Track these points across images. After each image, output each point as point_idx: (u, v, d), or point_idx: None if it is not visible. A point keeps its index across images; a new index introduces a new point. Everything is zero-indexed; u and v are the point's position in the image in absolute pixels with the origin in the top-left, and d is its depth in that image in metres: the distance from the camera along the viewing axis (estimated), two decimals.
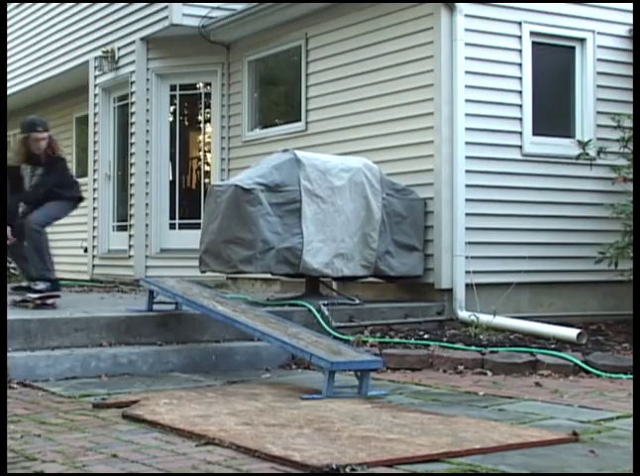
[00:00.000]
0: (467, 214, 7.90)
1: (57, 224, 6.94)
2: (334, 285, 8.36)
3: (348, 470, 3.40)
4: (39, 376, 5.56)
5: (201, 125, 11.49)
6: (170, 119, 11.31)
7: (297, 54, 9.76)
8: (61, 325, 6.07)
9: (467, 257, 7.83)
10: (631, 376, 5.96)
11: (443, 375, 6.15)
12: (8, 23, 14.55)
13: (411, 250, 7.93)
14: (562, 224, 8.41)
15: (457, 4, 7.86)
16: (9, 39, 14.61)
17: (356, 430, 4.10)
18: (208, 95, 11.10)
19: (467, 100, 7.93)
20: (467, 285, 7.82)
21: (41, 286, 7.04)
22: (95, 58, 11.97)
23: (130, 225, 11.31)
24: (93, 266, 12.12)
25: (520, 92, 8.28)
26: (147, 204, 11.01)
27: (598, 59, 8.66)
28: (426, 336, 7.09)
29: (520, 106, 8.27)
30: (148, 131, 11.05)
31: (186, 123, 11.71)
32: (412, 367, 6.34)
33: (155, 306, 6.69)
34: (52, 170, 7.27)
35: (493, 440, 3.94)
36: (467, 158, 7.92)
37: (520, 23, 8.29)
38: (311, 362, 5.53)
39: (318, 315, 7.07)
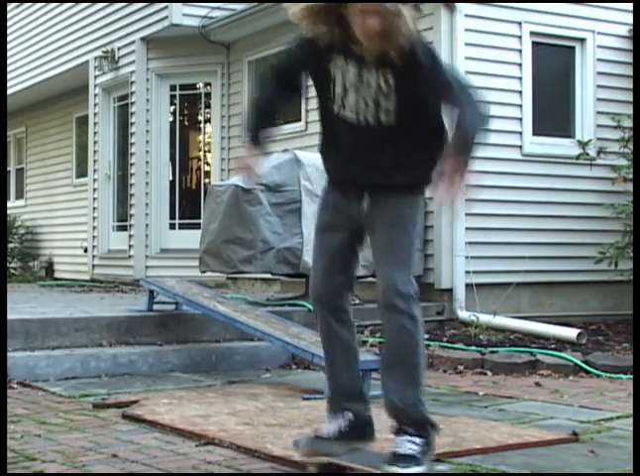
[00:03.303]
0: (467, 214, 7.89)
1: (57, 224, 6.64)
2: None
3: (347, 470, 3.40)
4: (39, 376, 5.56)
5: (201, 125, 11.49)
6: (170, 119, 11.31)
7: None
8: (61, 325, 6.07)
9: (467, 257, 7.82)
10: (631, 376, 5.95)
11: (443, 375, 6.15)
12: (8, 23, 14.56)
13: None
14: (562, 224, 8.40)
15: (457, 4, 7.86)
16: (9, 39, 14.62)
17: None
18: (208, 95, 11.10)
19: None
20: (467, 285, 7.81)
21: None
22: (95, 58, 11.97)
23: (130, 225, 11.31)
24: (93, 266, 12.12)
25: (520, 92, 8.27)
26: (147, 204, 11.01)
27: (598, 59, 8.65)
28: (426, 336, 7.09)
29: (520, 106, 8.27)
30: (148, 131, 11.05)
31: (186, 123, 11.71)
32: None
33: (155, 306, 6.69)
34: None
35: (493, 440, 3.94)
36: None
37: (520, 23, 8.28)
38: (313, 362, 5.53)
39: None
